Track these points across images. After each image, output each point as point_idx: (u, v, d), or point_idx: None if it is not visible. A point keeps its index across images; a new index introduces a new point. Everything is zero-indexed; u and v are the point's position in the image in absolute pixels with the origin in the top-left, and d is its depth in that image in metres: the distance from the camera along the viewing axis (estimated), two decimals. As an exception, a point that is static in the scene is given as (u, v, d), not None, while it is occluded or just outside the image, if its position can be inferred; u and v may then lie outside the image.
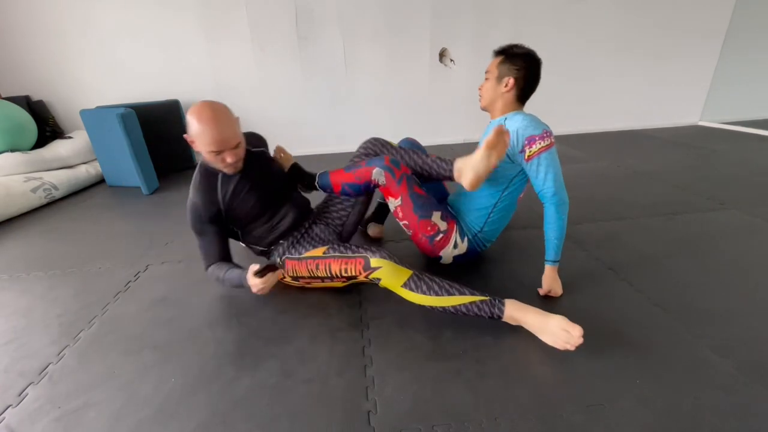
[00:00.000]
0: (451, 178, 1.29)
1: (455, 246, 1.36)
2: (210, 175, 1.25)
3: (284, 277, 1.32)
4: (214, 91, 3.22)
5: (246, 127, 1.26)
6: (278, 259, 1.32)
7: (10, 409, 0.94)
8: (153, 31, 3.01)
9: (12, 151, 2.54)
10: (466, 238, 1.37)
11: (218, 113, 1.10)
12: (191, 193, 1.25)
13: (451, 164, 1.27)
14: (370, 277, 1.17)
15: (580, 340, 0.97)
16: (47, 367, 1.08)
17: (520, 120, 1.22)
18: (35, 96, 3.10)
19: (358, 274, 1.18)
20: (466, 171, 1.19)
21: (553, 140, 1.20)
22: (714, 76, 3.58)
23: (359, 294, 1.32)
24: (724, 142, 3.01)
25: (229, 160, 1.14)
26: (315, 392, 0.94)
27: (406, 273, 1.14)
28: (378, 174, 1.28)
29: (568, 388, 0.91)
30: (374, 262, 1.15)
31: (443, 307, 1.11)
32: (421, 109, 3.41)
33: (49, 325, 1.26)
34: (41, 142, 2.85)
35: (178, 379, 1.00)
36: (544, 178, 1.19)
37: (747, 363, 0.95)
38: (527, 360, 1.00)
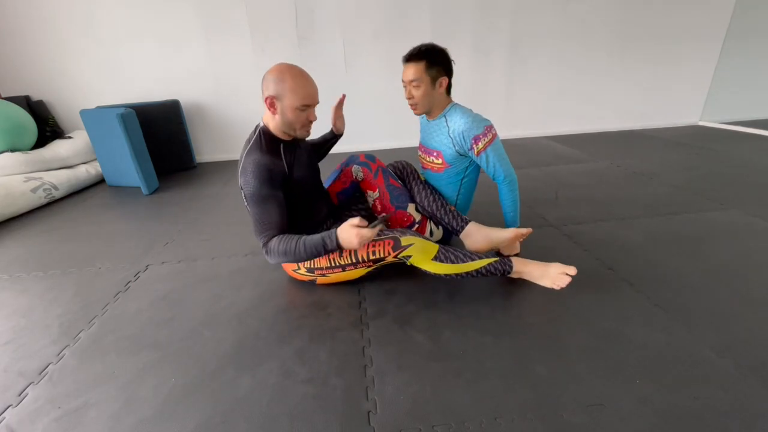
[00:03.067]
0: (456, 233, 1.43)
1: (431, 234, 1.47)
2: (274, 140, 1.19)
3: (298, 269, 1.33)
4: (214, 91, 3.22)
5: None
6: None
7: (10, 409, 0.94)
8: (153, 31, 3.01)
9: (12, 151, 2.54)
10: (440, 226, 1.48)
11: (303, 70, 1.15)
12: (255, 156, 1.13)
13: (465, 223, 1.42)
14: (401, 256, 1.20)
15: (569, 279, 1.20)
16: (47, 367, 1.08)
17: (463, 121, 1.32)
18: (35, 96, 3.10)
19: (387, 255, 1.21)
20: (478, 237, 1.37)
21: (494, 132, 1.34)
22: (714, 76, 3.57)
23: (359, 294, 1.32)
24: (724, 142, 3.01)
25: (311, 117, 1.17)
26: (315, 392, 0.94)
27: (434, 247, 1.21)
28: (356, 171, 1.39)
29: (568, 388, 0.91)
30: (405, 240, 1.19)
31: (467, 273, 1.22)
32: (421, 109, 3.41)
33: (49, 325, 1.26)
34: (41, 142, 2.85)
35: (178, 379, 1.00)
36: (494, 166, 1.35)
37: (747, 363, 0.95)
38: (527, 360, 1.00)
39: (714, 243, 1.52)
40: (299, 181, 1.24)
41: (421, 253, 1.19)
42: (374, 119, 3.40)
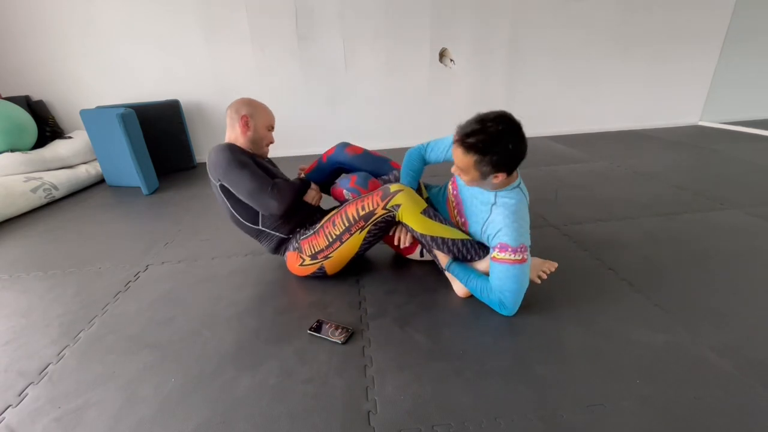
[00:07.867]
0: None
1: None
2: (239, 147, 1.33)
3: (303, 261, 1.35)
4: (214, 91, 3.22)
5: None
6: (296, 244, 1.37)
7: (10, 409, 0.94)
8: (153, 31, 3.01)
9: (12, 151, 2.54)
10: None
11: None
12: (221, 146, 1.27)
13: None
14: (390, 205, 1.19)
15: (552, 270, 1.19)
16: (47, 367, 1.08)
17: (511, 215, 1.08)
18: (35, 96, 3.10)
19: (376, 206, 1.20)
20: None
21: (525, 256, 1.06)
22: (714, 76, 3.58)
23: (359, 294, 1.32)
24: (724, 142, 3.01)
25: (272, 138, 1.40)
26: (315, 392, 0.94)
27: (422, 202, 1.21)
28: (347, 194, 1.37)
29: (568, 388, 0.91)
30: (393, 187, 1.20)
31: (453, 240, 1.20)
32: (420, 109, 3.40)
33: (49, 325, 1.26)
34: (41, 142, 2.85)
35: (178, 379, 1.00)
36: (500, 287, 1.10)
37: (747, 363, 0.95)
38: (527, 360, 1.00)
39: (714, 243, 1.52)
40: (266, 169, 1.34)
41: (410, 201, 1.18)
42: (374, 119, 3.40)
